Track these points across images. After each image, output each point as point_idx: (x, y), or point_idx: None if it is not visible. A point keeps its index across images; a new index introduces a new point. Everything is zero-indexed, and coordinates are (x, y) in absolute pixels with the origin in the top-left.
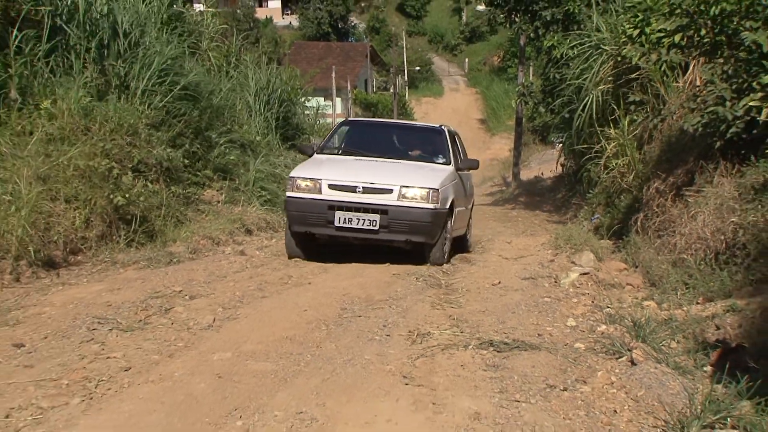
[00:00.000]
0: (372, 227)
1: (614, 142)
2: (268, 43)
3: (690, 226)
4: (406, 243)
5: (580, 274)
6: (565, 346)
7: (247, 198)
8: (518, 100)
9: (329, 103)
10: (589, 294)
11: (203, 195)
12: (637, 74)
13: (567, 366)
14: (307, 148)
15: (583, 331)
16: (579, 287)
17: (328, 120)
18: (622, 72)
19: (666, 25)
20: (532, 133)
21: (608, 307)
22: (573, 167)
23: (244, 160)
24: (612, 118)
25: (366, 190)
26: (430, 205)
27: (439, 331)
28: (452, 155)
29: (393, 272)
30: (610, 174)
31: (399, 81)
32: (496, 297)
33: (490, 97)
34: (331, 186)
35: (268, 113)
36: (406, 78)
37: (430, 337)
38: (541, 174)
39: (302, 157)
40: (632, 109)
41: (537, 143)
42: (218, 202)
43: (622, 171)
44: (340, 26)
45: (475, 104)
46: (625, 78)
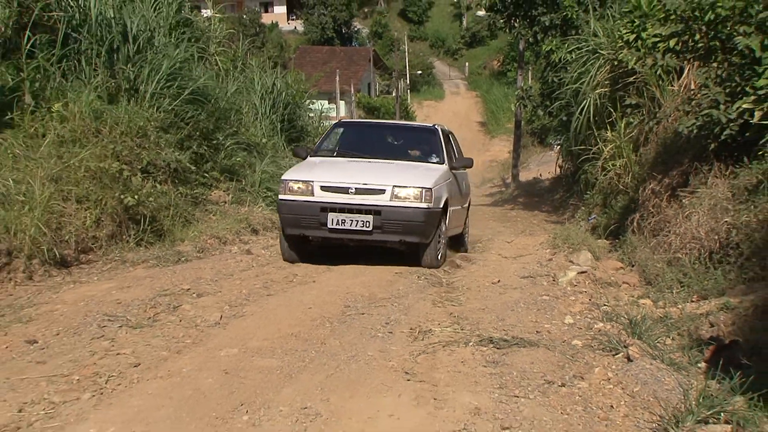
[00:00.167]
0: (365, 228)
1: (611, 144)
2: (274, 48)
3: (685, 226)
4: (400, 243)
5: (578, 273)
6: (563, 343)
7: (253, 198)
8: (517, 104)
9: (333, 106)
10: (586, 292)
11: (210, 195)
12: (633, 78)
13: (565, 362)
14: (302, 151)
15: (581, 329)
16: (576, 286)
17: (332, 122)
18: (619, 76)
19: (661, 31)
20: (531, 136)
21: (605, 305)
22: (571, 169)
23: (250, 162)
24: (609, 121)
25: (359, 191)
26: (424, 205)
27: (440, 329)
28: (446, 154)
29: (395, 271)
30: (607, 175)
31: (401, 84)
32: (496, 295)
33: (490, 100)
34: (324, 188)
35: (274, 116)
36: (408, 82)
37: (432, 334)
38: (540, 175)
39: (299, 160)
40: (628, 112)
41: (536, 145)
42: (225, 203)
43: (619, 172)
44: (343, 31)
45: (475, 107)
46: (622, 82)
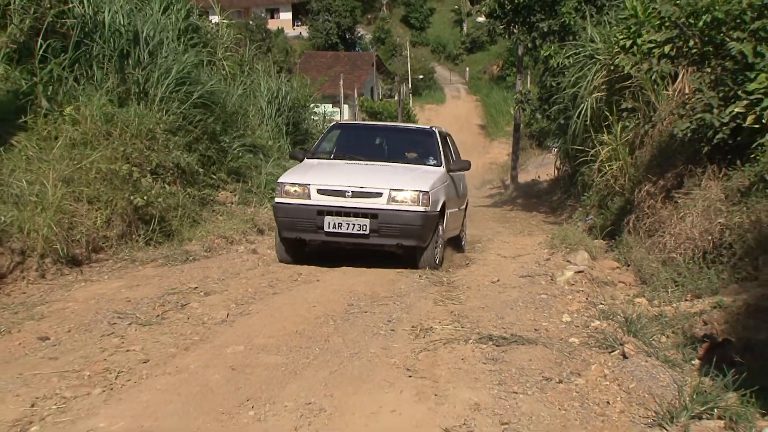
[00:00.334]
0: (362, 232)
1: (607, 147)
2: (280, 53)
3: (679, 226)
4: (397, 247)
5: (575, 273)
6: (561, 340)
7: (259, 199)
8: (516, 107)
9: (337, 110)
10: (583, 291)
11: (218, 196)
12: (629, 83)
13: (562, 359)
14: (299, 153)
15: (578, 327)
16: (574, 285)
17: None
18: (615, 80)
19: (656, 37)
20: (530, 139)
21: (601, 304)
22: (568, 171)
23: (256, 164)
24: (605, 124)
25: (355, 194)
26: (421, 208)
27: (441, 326)
28: (443, 157)
29: (397, 270)
30: (604, 177)
31: (403, 89)
32: (495, 294)
33: (490, 104)
34: (320, 191)
35: (279, 119)
36: (410, 86)
37: (433, 332)
38: (538, 177)
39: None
40: (624, 116)
41: (534, 148)
42: (232, 204)
43: (615, 174)
44: (347, 37)
45: (475, 111)
46: (618, 86)
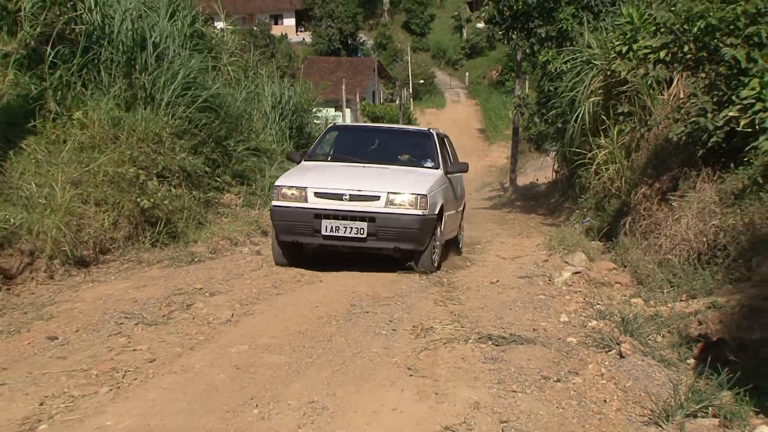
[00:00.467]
0: (360, 235)
1: (604, 150)
2: (283, 58)
3: (674, 228)
4: (395, 251)
5: (573, 273)
6: (559, 340)
7: (263, 202)
8: (515, 111)
9: (339, 114)
10: (580, 292)
11: (222, 199)
12: (625, 87)
13: (560, 359)
14: (296, 156)
15: (575, 326)
16: (571, 285)
17: None
18: (612, 85)
19: (652, 42)
20: (528, 142)
21: (598, 304)
22: (566, 174)
23: (260, 167)
24: (602, 128)
25: (353, 198)
26: (419, 212)
27: (442, 326)
28: (441, 159)
29: (398, 271)
30: (601, 180)
31: (404, 93)
32: (495, 294)
33: (489, 108)
34: (318, 194)
35: (283, 123)
36: (411, 90)
37: (433, 332)
38: (536, 180)
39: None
40: (621, 120)
41: (532, 151)
42: (236, 206)
43: (612, 177)
44: (349, 42)
45: (474, 115)
46: (615, 91)
